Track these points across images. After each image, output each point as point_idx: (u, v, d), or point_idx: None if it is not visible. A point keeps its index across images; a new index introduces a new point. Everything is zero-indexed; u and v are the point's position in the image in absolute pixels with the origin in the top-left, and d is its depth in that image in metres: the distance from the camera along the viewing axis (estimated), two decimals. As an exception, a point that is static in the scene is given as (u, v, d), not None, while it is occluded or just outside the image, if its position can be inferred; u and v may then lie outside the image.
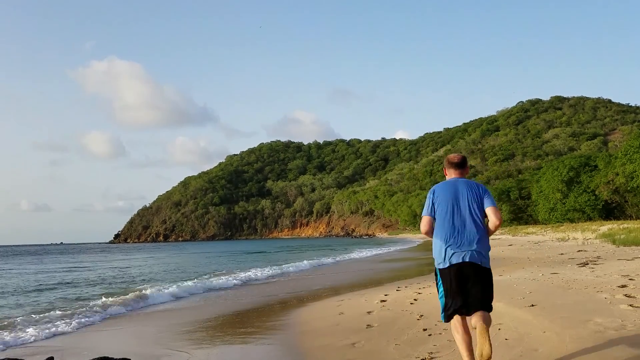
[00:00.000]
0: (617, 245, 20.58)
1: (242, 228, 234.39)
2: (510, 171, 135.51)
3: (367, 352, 5.63)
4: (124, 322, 9.73)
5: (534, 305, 6.63)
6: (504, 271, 13.08)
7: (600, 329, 5.12)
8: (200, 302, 12.20)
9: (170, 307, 11.59)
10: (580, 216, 47.98)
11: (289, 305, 10.65)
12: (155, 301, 12.34)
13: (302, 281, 16.85)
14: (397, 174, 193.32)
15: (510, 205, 66.04)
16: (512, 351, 4.85)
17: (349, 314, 8.35)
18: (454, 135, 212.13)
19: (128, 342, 7.76)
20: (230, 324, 8.73)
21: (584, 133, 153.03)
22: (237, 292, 14.06)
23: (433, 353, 5.17)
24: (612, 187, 43.67)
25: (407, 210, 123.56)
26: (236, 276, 18.24)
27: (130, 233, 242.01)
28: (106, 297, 12.42)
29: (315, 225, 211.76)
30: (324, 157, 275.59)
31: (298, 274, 20.35)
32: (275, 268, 22.06)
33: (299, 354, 6.11)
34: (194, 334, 7.94)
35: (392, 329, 6.65)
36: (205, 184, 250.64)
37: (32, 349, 7.24)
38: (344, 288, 13.52)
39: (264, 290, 14.27)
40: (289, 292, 13.29)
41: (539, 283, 9.16)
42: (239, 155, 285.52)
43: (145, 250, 77.26)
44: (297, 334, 7.41)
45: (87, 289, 16.60)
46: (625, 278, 8.89)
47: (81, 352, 6.81)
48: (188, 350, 6.54)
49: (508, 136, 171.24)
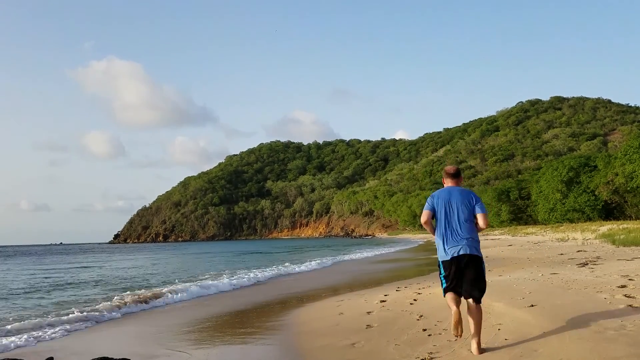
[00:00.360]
0: (616, 245, 20.58)
1: (241, 228, 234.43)
2: (510, 171, 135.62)
3: (367, 352, 5.63)
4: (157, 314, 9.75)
5: (533, 306, 6.63)
6: (503, 271, 13.08)
7: (600, 329, 5.11)
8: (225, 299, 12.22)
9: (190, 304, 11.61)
10: (579, 216, 48.01)
11: (288, 305, 10.67)
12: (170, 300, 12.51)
13: (302, 281, 16.87)
14: (397, 174, 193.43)
15: (510, 206, 66.07)
16: (512, 351, 4.85)
17: (348, 314, 8.35)
18: (454, 135, 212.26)
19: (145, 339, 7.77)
20: (230, 324, 8.75)
21: (584, 133, 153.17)
22: (250, 291, 14.09)
23: (433, 353, 5.17)
24: (612, 187, 43.70)
25: (407, 210, 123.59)
26: (249, 275, 18.56)
27: (130, 233, 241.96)
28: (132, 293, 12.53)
29: (315, 226, 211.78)
30: (323, 157, 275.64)
31: (295, 276, 20.35)
32: (273, 268, 22.11)
33: (299, 354, 6.11)
34: (194, 334, 7.96)
35: (391, 329, 6.65)
36: (205, 184, 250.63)
37: (51, 345, 7.24)
38: (344, 288, 13.53)
39: (264, 290, 14.29)
40: (288, 292, 13.30)
41: (538, 283, 9.16)
42: (238, 156, 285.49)
43: (150, 250, 77.69)
44: (296, 334, 7.42)
45: (112, 287, 16.84)
46: (625, 278, 8.89)
47: (109, 348, 6.81)
48: (212, 343, 6.55)
49: (508, 136, 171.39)
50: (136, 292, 13.68)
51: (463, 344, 5.30)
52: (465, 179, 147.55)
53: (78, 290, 16.37)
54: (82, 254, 66.30)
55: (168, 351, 6.64)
